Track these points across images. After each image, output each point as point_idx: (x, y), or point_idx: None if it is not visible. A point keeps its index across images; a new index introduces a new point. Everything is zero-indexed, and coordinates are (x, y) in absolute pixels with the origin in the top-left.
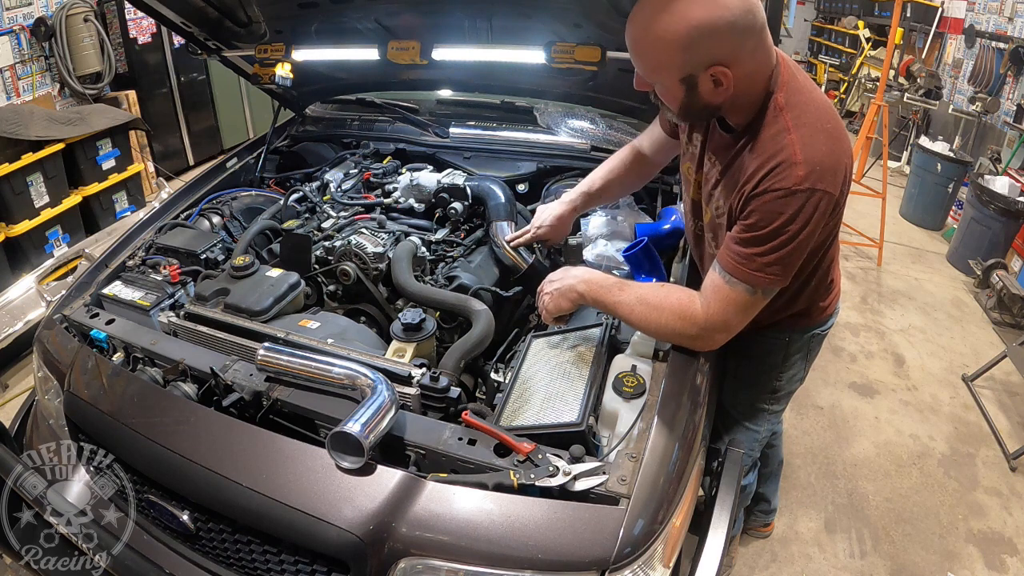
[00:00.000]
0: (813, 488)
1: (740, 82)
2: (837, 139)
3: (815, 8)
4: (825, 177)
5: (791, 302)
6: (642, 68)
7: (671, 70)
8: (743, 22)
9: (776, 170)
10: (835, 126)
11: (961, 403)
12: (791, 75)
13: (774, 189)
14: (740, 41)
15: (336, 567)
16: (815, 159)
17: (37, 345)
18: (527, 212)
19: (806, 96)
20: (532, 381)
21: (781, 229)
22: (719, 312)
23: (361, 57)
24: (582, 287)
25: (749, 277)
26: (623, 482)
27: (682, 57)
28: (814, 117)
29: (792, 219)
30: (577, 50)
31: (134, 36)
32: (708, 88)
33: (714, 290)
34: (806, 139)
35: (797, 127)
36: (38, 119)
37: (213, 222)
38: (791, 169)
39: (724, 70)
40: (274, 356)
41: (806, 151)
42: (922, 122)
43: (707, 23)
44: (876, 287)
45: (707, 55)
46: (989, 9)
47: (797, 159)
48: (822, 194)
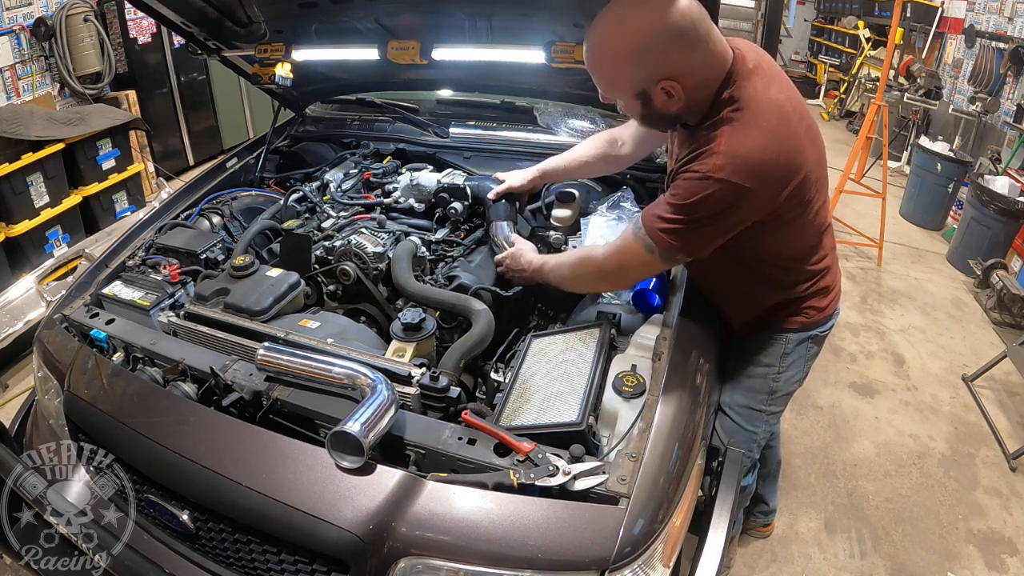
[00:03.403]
0: (813, 488)
1: (692, 91)
2: (774, 137)
3: (815, 8)
4: (743, 171)
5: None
6: (601, 87)
7: (624, 88)
8: (686, 36)
9: (701, 155)
10: (777, 125)
11: (961, 403)
12: (749, 74)
13: (691, 170)
14: (685, 54)
15: (336, 567)
16: (737, 152)
17: (37, 345)
18: (527, 212)
19: (754, 93)
20: (532, 381)
21: (691, 208)
22: (616, 255)
23: (361, 57)
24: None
25: (652, 232)
26: (623, 482)
27: (631, 75)
28: (754, 114)
29: (701, 203)
30: (577, 50)
31: (134, 36)
32: (662, 100)
33: (622, 237)
34: (736, 131)
35: (731, 120)
36: (38, 119)
37: (213, 222)
38: (711, 156)
39: (673, 83)
40: (274, 356)
41: (730, 144)
42: (922, 122)
43: (649, 41)
44: (876, 287)
45: (655, 71)
46: (989, 9)
47: (720, 148)
48: (737, 188)
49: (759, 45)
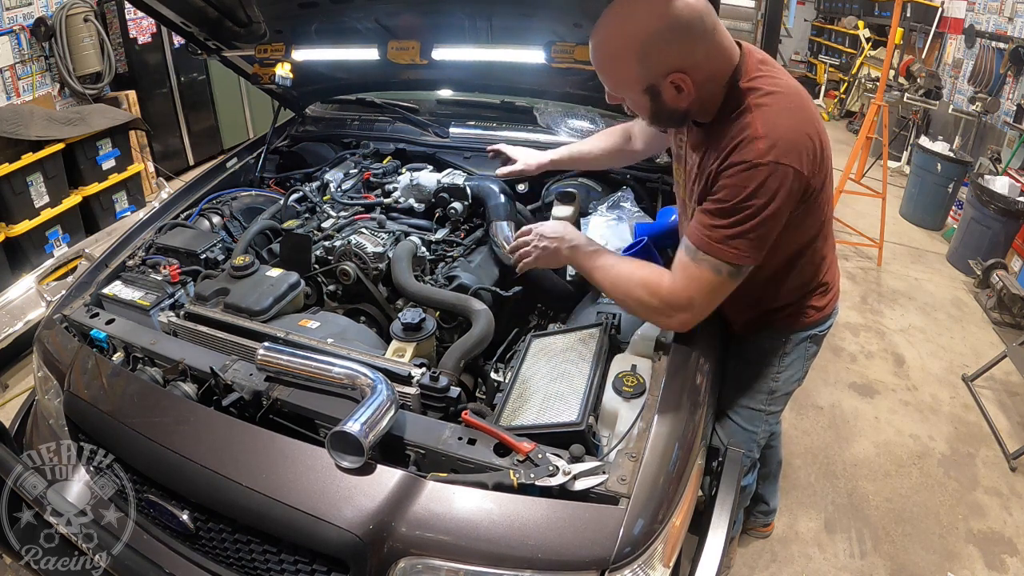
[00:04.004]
0: (813, 488)
1: (702, 85)
2: (802, 118)
3: (815, 8)
4: (788, 152)
5: (774, 295)
6: (608, 85)
7: (632, 83)
8: (692, 29)
9: (740, 145)
10: (800, 105)
11: (961, 403)
12: (755, 63)
13: (737, 163)
14: (692, 47)
15: (336, 567)
16: (776, 133)
17: (37, 345)
18: (527, 212)
19: (770, 81)
20: (532, 381)
21: (746, 202)
22: (683, 288)
23: (361, 57)
24: (567, 252)
25: (714, 250)
26: (623, 482)
27: (639, 70)
28: (777, 98)
29: (756, 192)
30: (577, 50)
31: (134, 36)
32: (672, 95)
33: (681, 266)
34: (768, 115)
35: (759, 106)
36: (38, 119)
37: (213, 222)
38: (753, 143)
39: (683, 76)
40: (274, 356)
41: (767, 126)
42: (922, 122)
43: (655, 34)
44: (876, 287)
45: (663, 64)
46: (989, 9)
47: (759, 133)
48: (787, 168)
49: (759, 45)
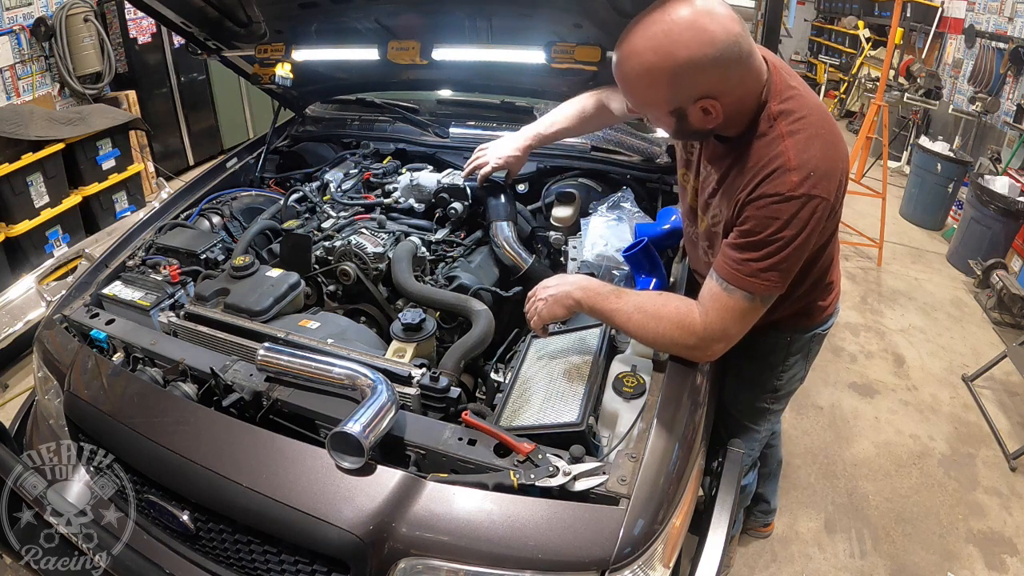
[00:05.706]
0: (813, 488)
1: (730, 107)
2: (832, 144)
3: (815, 8)
4: (820, 183)
5: (788, 302)
6: (632, 103)
7: (659, 104)
8: (728, 55)
9: (771, 176)
10: (830, 131)
11: (961, 403)
12: (785, 83)
13: (769, 195)
14: (726, 74)
15: (336, 567)
16: (810, 165)
17: (37, 345)
18: (527, 212)
19: (800, 102)
20: (532, 381)
21: (776, 235)
22: (717, 321)
23: (361, 57)
24: (578, 294)
25: (746, 283)
26: (623, 482)
27: (669, 93)
28: (809, 123)
29: (787, 224)
30: (577, 50)
31: (134, 36)
32: (698, 118)
33: (712, 299)
34: (800, 145)
35: (791, 133)
36: (38, 119)
37: (213, 222)
38: (786, 175)
39: (712, 102)
40: (274, 356)
41: (800, 157)
42: (922, 122)
43: (692, 61)
44: (876, 287)
45: (694, 90)
46: (989, 9)
47: (792, 164)
48: (819, 200)
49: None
